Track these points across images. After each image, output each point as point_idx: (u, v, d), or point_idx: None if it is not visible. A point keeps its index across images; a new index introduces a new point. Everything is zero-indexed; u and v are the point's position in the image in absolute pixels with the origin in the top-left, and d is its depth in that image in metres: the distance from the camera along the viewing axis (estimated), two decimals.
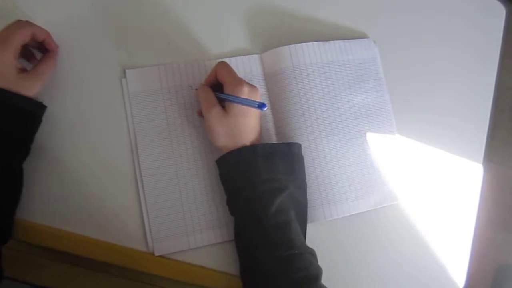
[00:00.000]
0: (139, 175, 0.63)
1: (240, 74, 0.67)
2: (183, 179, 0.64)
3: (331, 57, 0.70)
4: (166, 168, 0.64)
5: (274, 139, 0.68)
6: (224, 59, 0.67)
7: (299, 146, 0.64)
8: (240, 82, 0.59)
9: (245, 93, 0.59)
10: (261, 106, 0.55)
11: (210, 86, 0.62)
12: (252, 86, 0.60)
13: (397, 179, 0.72)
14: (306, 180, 0.63)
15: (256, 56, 0.69)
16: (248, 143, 0.60)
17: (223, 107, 0.60)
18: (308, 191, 0.64)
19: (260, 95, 0.62)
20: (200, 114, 0.66)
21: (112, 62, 0.66)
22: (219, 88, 0.61)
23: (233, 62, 0.68)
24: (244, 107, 0.59)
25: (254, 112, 0.60)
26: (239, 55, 0.69)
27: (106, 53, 0.66)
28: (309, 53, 0.69)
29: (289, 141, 0.65)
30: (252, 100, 0.58)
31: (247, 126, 0.60)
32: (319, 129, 0.67)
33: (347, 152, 0.69)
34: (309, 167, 0.66)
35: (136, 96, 0.64)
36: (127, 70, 0.65)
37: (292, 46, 0.69)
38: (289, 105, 0.67)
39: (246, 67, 0.68)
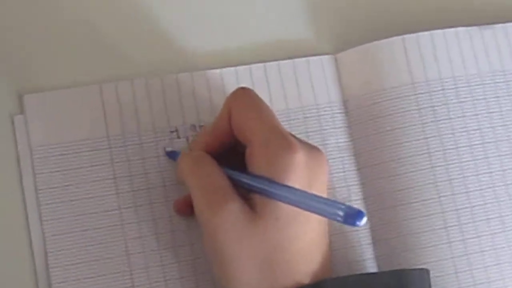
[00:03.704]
0: None
1: (289, 102, 0.33)
2: None
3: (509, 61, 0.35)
4: None
5: (369, 262, 0.33)
6: (251, 66, 0.34)
7: (423, 275, 0.30)
8: (287, 140, 0.28)
9: (299, 168, 0.27)
10: (352, 218, 0.23)
11: (210, 151, 0.31)
12: (312, 149, 0.29)
13: None
14: None
15: (325, 58, 0.35)
16: (307, 279, 0.28)
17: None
18: None
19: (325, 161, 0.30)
20: (182, 210, 0.32)
21: None
22: (233, 155, 0.31)
23: (271, 75, 0.34)
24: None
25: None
26: (285, 58, 0.34)
27: None
28: (453, 52, 0.34)
29: (403, 265, 0.32)
30: (331, 200, 0.26)
31: (301, 242, 0.28)
32: (481, 228, 0.32)
33: None
34: None
35: (45, 153, 0.31)
36: (26, 97, 0.32)
37: (410, 36, 0.34)
38: (407, 175, 0.33)
39: (303, 86, 0.34)
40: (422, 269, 0.31)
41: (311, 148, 0.29)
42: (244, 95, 0.30)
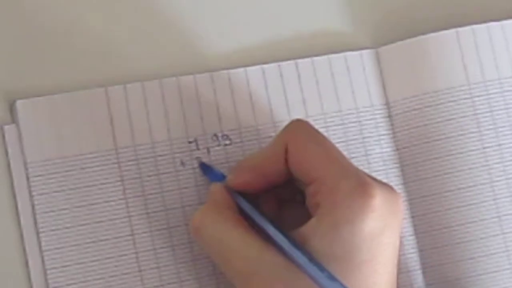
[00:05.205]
0: None
1: (325, 105, 0.29)
2: None
3: None
4: None
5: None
6: (281, 64, 0.29)
7: None
8: (362, 181, 0.25)
9: (374, 214, 0.24)
10: None
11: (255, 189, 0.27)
12: (389, 191, 0.26)
13: None
14: None
15: (365, 53, 0.30)
16: None
17: None
18: None
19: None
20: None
21: None
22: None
23: (303, 73, 0.29)
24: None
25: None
26: (319, 54, 0.30)
27: None
28: None
29: None
30: None
31: None
32: None
33: None
34: None
35: (43, 170, 0.27)
36: (19, 103, 0.27)
37: (465, 30, 0.30)
38: (463, 191, 0.29)
39: (341, 86, 0.30)
40: None
41: (388, 190, 0.25)
42: (303, 128, 0.27)
